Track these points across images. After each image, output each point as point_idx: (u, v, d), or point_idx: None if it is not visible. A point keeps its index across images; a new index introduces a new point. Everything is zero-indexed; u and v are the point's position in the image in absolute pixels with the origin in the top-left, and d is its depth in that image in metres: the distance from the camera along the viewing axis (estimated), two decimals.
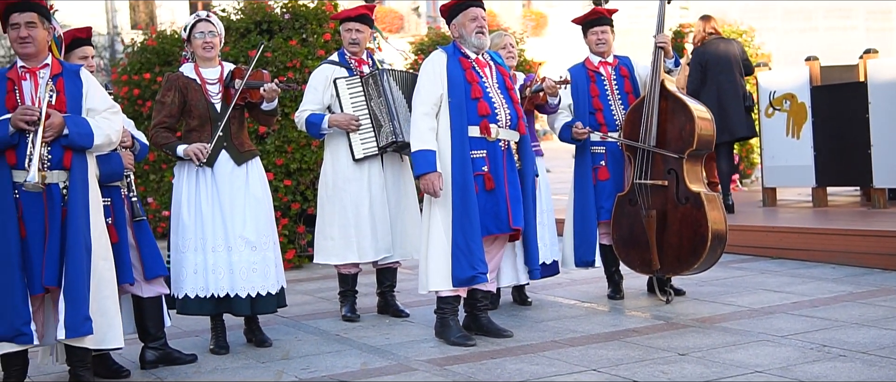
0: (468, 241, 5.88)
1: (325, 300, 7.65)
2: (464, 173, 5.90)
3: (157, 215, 11.77)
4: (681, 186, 6.69)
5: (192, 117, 6.03)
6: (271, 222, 6.14)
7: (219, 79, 6.09)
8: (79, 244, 4.97)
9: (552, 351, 5.66)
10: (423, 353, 5.78)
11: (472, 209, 5.89)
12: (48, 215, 4.95)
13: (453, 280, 5.92)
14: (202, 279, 5.95)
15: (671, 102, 6.79)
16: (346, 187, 6.72)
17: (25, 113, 4.87)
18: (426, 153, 5.91)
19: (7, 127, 4.88)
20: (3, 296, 4.89)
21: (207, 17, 6.10)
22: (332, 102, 6.75)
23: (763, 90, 10.69)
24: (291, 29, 9.95)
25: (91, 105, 5.15)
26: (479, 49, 6.13)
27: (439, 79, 5.99)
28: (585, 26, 7.15)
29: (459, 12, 6.13)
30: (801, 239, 8.58)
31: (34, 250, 4.94)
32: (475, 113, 5.97)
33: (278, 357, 5.88)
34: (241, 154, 6.05)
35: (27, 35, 5.01)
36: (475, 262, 5.89)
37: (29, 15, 5.02)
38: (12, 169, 4.93)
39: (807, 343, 5.53)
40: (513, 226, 6.00)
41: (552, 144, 31.26)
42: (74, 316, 4.93)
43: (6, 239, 4.89)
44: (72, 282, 4.94)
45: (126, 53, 12.44)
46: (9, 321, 4.90)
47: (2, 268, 4.90)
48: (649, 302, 6.95)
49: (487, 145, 5.99)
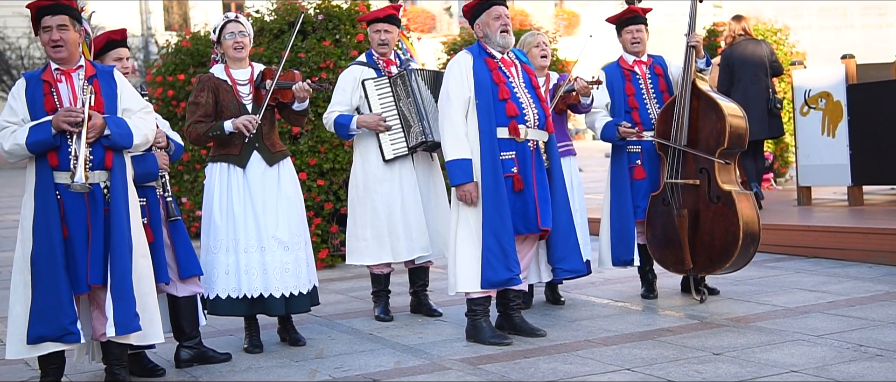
0: (502, 243, 5.86)
1: (358, 300, 7.67)
2: (495, 175, 5.88)
3: (191, 215, 11.84)
4: (712, 185, 6.66)
5: (224, 118, 6.06)
6: (303, 221, 6.16)
7: (249, 80, 6.12)
8: (123, 242, 5.04)
9: (585, 351, 5.65)
10: (456, 352, 5.78)
11: (504, 211, 5.86)
12: (91, 215, 5.01)
13: (483, 282, 5.90)
14: (234, 279, 5.98)
15: (703, 102, 6.76)
16: (378, 188, 6.73)
17: (69, 114, 4.92)
18: (463, 163, 5.88)
19: (50, 129, 4.93)
20: (50, 296, 4.95)
21: (237, 18, 6.14)
22: (361, 102, 6.76)
23: (798, 89, 10.61)
24: (325, 29, 9.98)
25: (126, 105, 5.21)
26: (505, 48, 6.11)
27: (466, 81, 5.97)
28: (620, 25, 7.12)
29: (483, 11, 6.10)
30: (837, 238, 8.51)
31: (78, 249, 4.99)
32: (503, 114, 5.95)
33: (312, 356, 5.90)
34: (272, 155, 6.08)
35: (59, 38, 5.05)
36: (510, 264, 5.88)
37: (60, 18, 5.06)
38: (54, 170, 4.99)
39: (843, 342, 5.48)
40: (541, 227, 5.99)
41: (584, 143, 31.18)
42: (124, 313, 5.00)
43: (50, 240, 4.95)
44: (119, 280, 5.01)
45: (160, 55, 12.52)
46: (57, 321, 4.96)
47: (48, 268, 4.95)
48: (683, 301, 6.92)
49: (516, 146, 5.97)
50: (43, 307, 4.95)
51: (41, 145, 4.94)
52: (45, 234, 4.95)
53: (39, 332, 4.96)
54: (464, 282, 5.96)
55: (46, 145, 4.95)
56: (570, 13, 43.37)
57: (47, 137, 4.93)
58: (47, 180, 4.99)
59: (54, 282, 4.95)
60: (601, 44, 14.73)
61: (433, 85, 6.73)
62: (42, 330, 4.96)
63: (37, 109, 5.01)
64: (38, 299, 4.95)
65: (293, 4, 10.48)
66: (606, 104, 7.03)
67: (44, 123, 4.95)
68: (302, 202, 6.22)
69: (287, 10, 10.35)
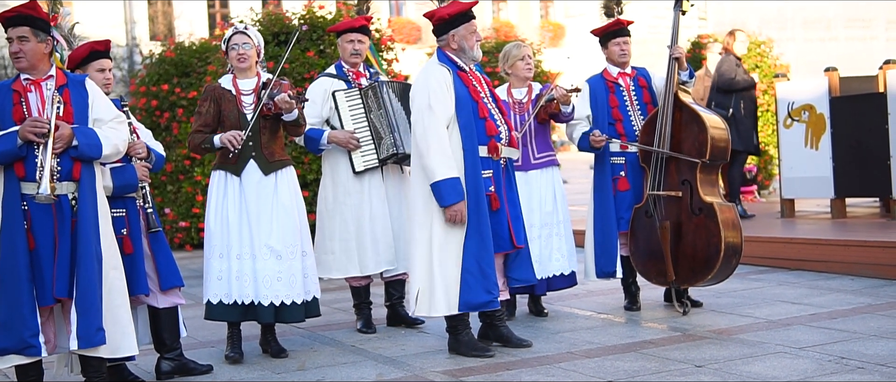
0: (481, 265, 5.78)
1: (340, 311, 7.65)
2: (477, 195, 5.80)
3: (174, 226, 11.83)
4: (694, 196, 6.67)
5: (225, 127, 6.08)
6: (300, 232, 6.11)
7: (254, 89, 6.12)
8: (90, 254, 4.97)
9: (568, 362, 5.64)
10: (438, 364, 5.77)
11: (485, 233, 5.79)
12: (58, 227, 4.95)
13: (462, 305, 5.81)
14: (226, 285, 5.98)
15: (685, 114, 6.78)
16: (347, 201, 6.70)
17: (35, 125, 4.87)
18: (454, 182, 5.73)
19: (15, 139, 4.87)
20: (11, 308, 4.88)
21: (244, 30, 6.14)
22: (331, 114, 6.74)
23: (781, 101, 10.66)
24: (309, 40, 9.97)
25: (97, 115, 5.15)
26: (475, 61, 6.05)
27: (450, 97, 5.85)
28: (607, 37, 7.10)
29: (462, 24, 5.96)
30: (820, 250, 8.53)
31: (45, 261, 4.93)
32: (484, 133, 5.89)
33: (294, 367, 5.88)
34: (269, 164, 6.07)
35: (18, 50, 5.01)
36: (490, 286, 5.80)
37: (20, 29, 5.01)
38: (21, 181, 4.93)
39: (825, 355, 5.49)
40: (516, 244, 5.94)
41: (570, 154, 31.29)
42: (87, 327, 4.93)
43: (14, 251, 4.89)
44: (83, 293, 4.94)
45: (144, 65, 12.50)
46: (17, 334, 4.89)
47: (10, 280, 4.88)
48: (666, 314, 6.92)
49: (494, 164, 5.92)
50: (4, 320, 4.88)
51: (6, 155, 4.88)
52: (9, 245, 4.88)
53: (3, 344, 4.89)
54: (441, 305, 5.83)
55: (12, 155, 4.88)
56: (556, 25, 43.52)
57: (12, 148, 4.87)
58: (13, 190, 4.93)
59: (16, 294, 4.88)
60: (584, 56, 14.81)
61: (403, 97, 6.71)
62: (4, 343, 4.89)
63: (5, 118, 4.95)
64: (1, 312, 4.88)
65: (278, 15, 10.48)
66: (587, 116, 7.03)
67: (9, 133, 4.89)
68: (301, 213, 6.18)
69: (271, 21, 10.35)
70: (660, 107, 6.82)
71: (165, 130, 11.94)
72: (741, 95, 10.39)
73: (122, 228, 5.47)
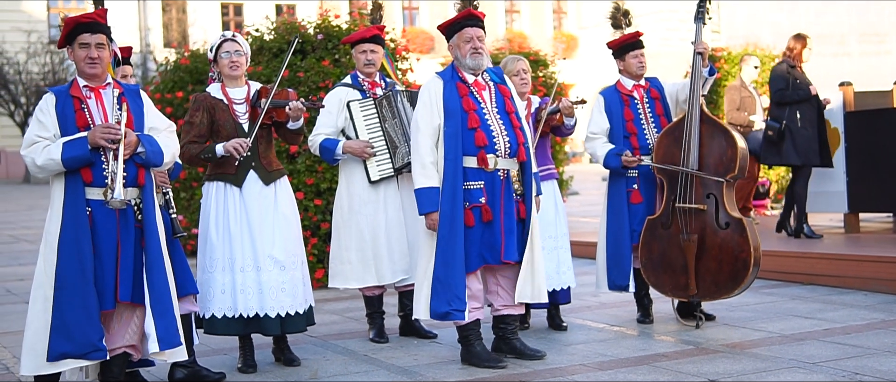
0: (448, 275, 5.79)
1: (353, 320, 7.65)
2: (454, 205, 5.80)
3: (188, 233, 11.83)
4: (721, 210, 6.64)
5: (220, 137, 6.05)
6: (299, 241, 6.15)
7: (245, 98, 6.12)
8: (160, 259, 5.11)
9: (581, 374, 5.63)
10: (451, 374, 5.77)
11: (456, 244, 5.79)
12: (121, 232, 5.03)
13: (431, 312, 5.87)
14: (230, 298, 5.96)
15: (709, 127, 6.76)
16: (362, 210, 6.71)
17: (107, 131, 4.96)
18: (430, 191, 5.85)
19: (86, 145, 4.95)
20: (78, 312, 4.93)
21: (234, 37, 6.14)
22: (346, 124, 6.76)
23: None
24: (324, 49, 9.99)
25: (152, 124, 5.27)
26: (476, 70, 6.01)
27: (436, 108, 5.89)
28: (625, 50, 7.08)
29: (454, 33, 6.03)
30: (833, 265, 8.52)
31: (107, 266, 5.01)
32: (472, 143, 5.87)
33: (306, 376, 5.89)
34: (269, 173, 6.07)
35: (97, 56, 5.10)
36: (451, 298, 5.80)
37: (99, 36, 5.13)
38: (87, 186, 5.00)
39: (839, 370, 5.47)
40: (504, 259, 5.91)
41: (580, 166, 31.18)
42: (167, 329, 5.08)
43: (80, 255, 4.94)
44: (159, 297, 5.07)
45: (159, 72, 12.53)
46: (86, 337, 4.95)
47: (78, 284, 4.93)
48: (679, 327, 6.91)
49: (486, 175, 5.90)
50: (67, 323, 4.92)
51: (77, 161, 4.95)
52: (74, 249, 4.93)
53: (62, 348, 4.93)
54: (418, 309, 5.96)
55: (82, 160, 4.96)
56: (569, 36, 43.56)
57: (84, 154, 4.95)
58: (78, 195, 4.99)
59: (83, 298, 4.93)
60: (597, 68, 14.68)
61: None
62: (65, 347, 4.93)
63: (68, 124, 5.03)
64: (62, 315, 4.92)
65: (293, 23, 10.50)
66: (606, 130, 7.02)
67: (79, 139, 4.96)
68: (299, 222, 6.21)
69: (287, 29, 10.37)
70: (686, 117, 6.76)
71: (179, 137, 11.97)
72: (797, 106, 9.74)
73: None
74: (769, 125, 9.69)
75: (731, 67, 14.58)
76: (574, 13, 44.59)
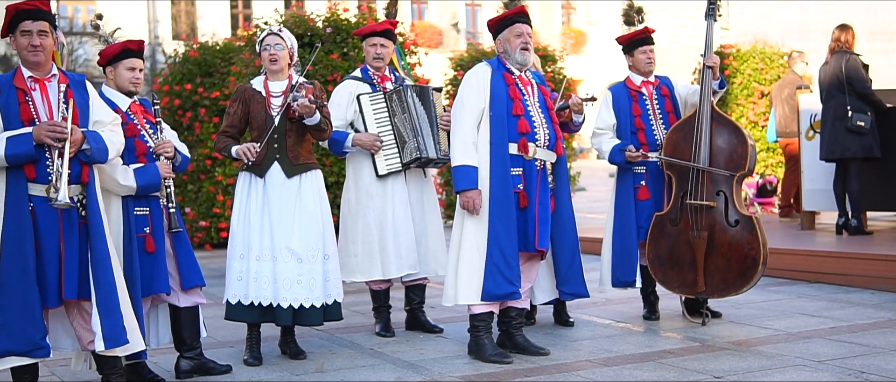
0: (506, 257, 5.86)
1: (359, 314, 7.67)
2: (505, 188, 5.88)
3: (195, 225, 11.87)
4: (730, 208, 6.64)
5: (253, 128, 6.14)
6: (323, 235, 6.11)
7: (284, 92, 6.14)
8: (105, 256, 5.01)
9: (586, 370, 5.64)
10: (456, 369, 5.78)
11: (510, 226, 5.86)
12: (64, 229, 4.96)
13: (484, 294, 5.89)
14: (244, 286, 6.00)
15: (719, 123, 6.75)
16: (369, 204, 6.72)
17: (53, 129, 4.85)
18: (468, 169, 5.88)
19: (31, 141, 4.84)
20: (21, 310, 4.85)
21: (279, 32, 6.18)
22: (356, 117, 6.76)
23: (804, 113, 10.62)
24: (332, 43, 10.00)
25: (98, 117, 5.16)
26: (523, 66, 6.11)
27: (483, 92, 5.97)
28: (633, 46, 7.09)
29: (505, 28, 6.12)
30: (840, 264, 8.50)
31: (49, 263, 4.92)
32: (515, 130, 5.96)
33: (312, 370, 5.90)
34: (293, 167, 6.09)
35: (39, 43, 4.98)
36: (513, 277, 5.87)
37: (41, 23, 5.00)
38: (30, 182, 4.90)
39: (845, 369, 5.47)
40: (538, 247, 5.98)
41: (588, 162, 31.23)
42: (112, 327, 5.00)
43: (22, 253, 4.85)
44: (105, 295, 4.99)
45: (168, 64, 12.56)
46: (27, 336, 4.87)
47: (17, 282, 4.85)
48: (685, 324, 6.91)
49: (524, 163, 5.97)
50: (7, 321, 4.84)
51: (21, 157, 4.84)
52: (16, 247, 4.84)
53: (3, 346, 4.85)
54: (464, 294, 5.94)
55: (26, 157, 4.85)
56: (577, 32, 43.51)
57: (29, 150, 4.83)
58: (21, 191, 4.89)
59: (25, 296, 4.85)
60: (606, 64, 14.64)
61: (427, 101, 6.76)
62: (6, 345, 4.85)
63: (11, 117, 4.91)
64: (3, 313, 4.84)
65: (302, 17, 10.51)
66: (612, 125, 7.02)
67: (24, 134, 4.84)
68: (325, 216, 6.18)
69: (295, 22, 10.38)
70: (697, 114, 6.76)
71: (188, 130, 11.99)
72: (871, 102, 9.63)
73: (144, 226, 5.50)
74: (859, 118, 9.50)
75: (740, 64, 14.58)
76: (582, 9, 44.53)
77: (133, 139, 5.55)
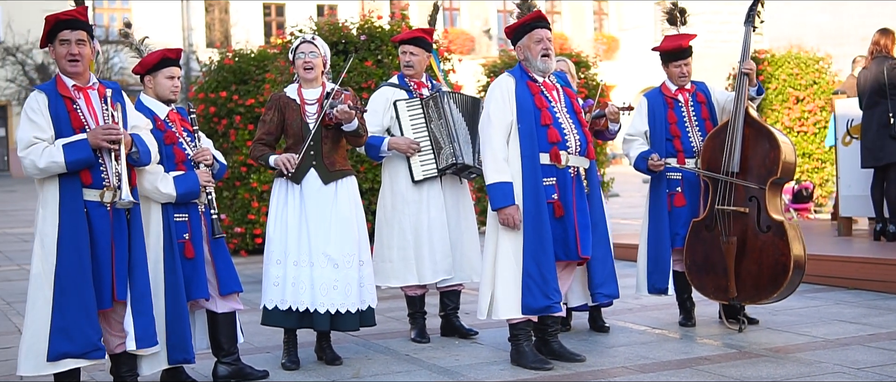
0: (542, 270, 5.83)
1: (394, 320, 7.68)
2: (537, 201, 5.84)
3: (230, 232, 11.93)
4: (762, 214, 6.60)
5: (289, 136, 6.17)
6: (358, 241, 6.15)
7: (318, 99, 6.17)
8: (143, 259, 5.14)
9: (623, 377, 5.62)
10: (492, 375, 5.77)
11: (545, 238, 5.83)
12: (115, 232, 5.05)
13: (523, 308, 5.87)
14: (281, 291, 6.03)
15: (754, 129, 6.71)
16: (405, 209, 6.74)
17: (109, 132, 4.98)
18: (504, 186, 5.84)
19: (88, 147, 4.95)
20: (80, 312, 4.95)
21: (312, 40, 6.21)
22: (392, 124, 6.79)
23: (841, 118, 10.54)
24: (367, 50, 10.02)
25: (134, 122, 5.27)
26: (545, 72, 6.06)
27: (508, 105, 5.93)
28: (668, 59, 7.04)
29: (524, 34, 6.06)
30: (879, 270, 8.43)
31: (103, 265, 5.01)
32: (545, 140, 5.92)
33: (349, 375, 5.92)
34: (329, 173, 6.12)
35: (77, 52, 5.07)
36: (549, 291, 5.84)
37: (79, 33, 5.09)
38: (85, 187, 5.00)
39: (884, 376, 5.42)
40: (581, 254, 5.96)
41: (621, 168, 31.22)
42: (145, 328, 5.12)
43: (79, 256, 4.95)
44: (141, 296, 5.10)
45: (203, 72, 12.63)
46: (86, 337, 4.97)
47: (76, 285, 4.94)
48: (721, 330, 6.87)
49: (557, 172, 5.94)
50: (67, 324, 4.93)
51: (80, 163, 4.95)
52: (73, 250, 4.94)
53: (62, 349, 4.95)
54: (504, 309, 5.92)
55: (86, 163, 4.97)
56: (610, 38, 43.40)
57: (88, 156, 4.95)
58: (76, 196, 4.99)
59: (83, 299, 4.94)
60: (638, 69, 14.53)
61: (464, 109, 6.77)
62: (65, 347, 4.95)
63: (62, 125, 5.01)
64: (62, 315, 4.93)
65: (336, 25, 10.54)
66: (644, 132, 7.00)
67: (80, 141, 4.96)
68: (361, 223, 6.22)
69: (330, 30, 10.41)
70: (730, 121, 6.73)
71: (223, 137, 12.06)
72: None
73: (183, 232, 5.55)
74: None
75: (775, 69, 14.49)
76: (615, 15, 44.43)
77: (172, 147, 5.62)
